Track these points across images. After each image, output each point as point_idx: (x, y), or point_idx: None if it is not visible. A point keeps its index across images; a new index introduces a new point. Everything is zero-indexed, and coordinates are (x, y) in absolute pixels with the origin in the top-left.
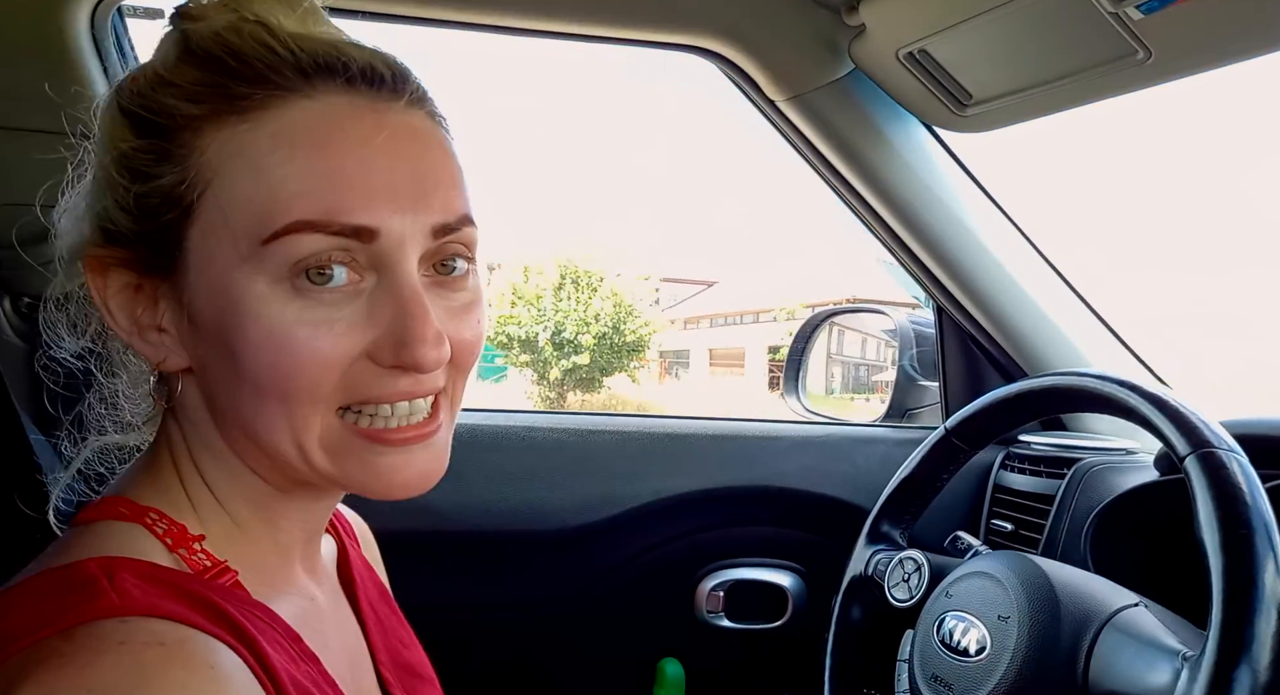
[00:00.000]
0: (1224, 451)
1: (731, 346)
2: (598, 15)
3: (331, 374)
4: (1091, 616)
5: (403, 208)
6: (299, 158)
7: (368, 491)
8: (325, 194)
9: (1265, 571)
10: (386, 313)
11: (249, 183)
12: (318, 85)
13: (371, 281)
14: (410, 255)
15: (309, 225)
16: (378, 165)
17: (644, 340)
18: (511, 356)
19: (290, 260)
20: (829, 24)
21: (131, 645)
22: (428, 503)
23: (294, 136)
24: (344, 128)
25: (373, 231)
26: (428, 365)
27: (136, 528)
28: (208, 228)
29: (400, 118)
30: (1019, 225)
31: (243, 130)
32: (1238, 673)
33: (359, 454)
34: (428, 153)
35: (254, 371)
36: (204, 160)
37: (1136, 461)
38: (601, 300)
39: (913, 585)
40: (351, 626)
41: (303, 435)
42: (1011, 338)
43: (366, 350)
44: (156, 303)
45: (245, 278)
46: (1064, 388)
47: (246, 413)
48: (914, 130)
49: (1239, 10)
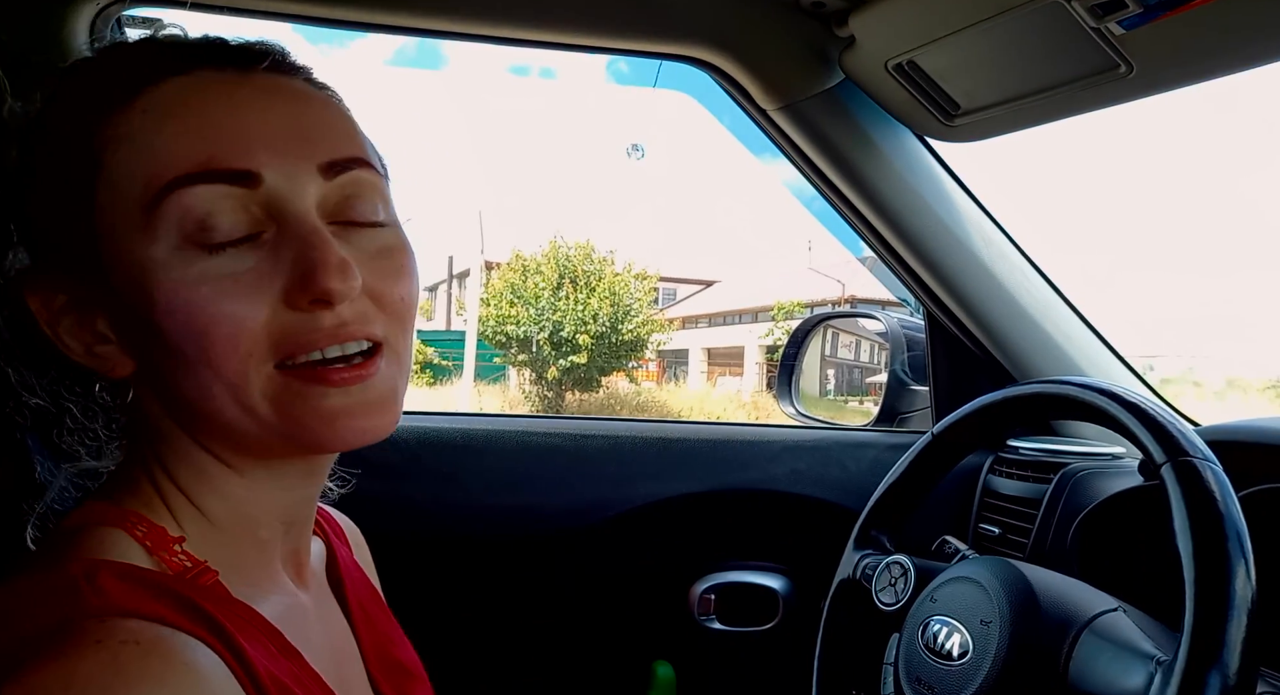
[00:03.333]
0: (1199, 460)
1: (730, 346)
2: (590, 25)
3: (250, 326)
4: (1071, 621)
5: (281, 150)
6: (172, 123)
7: (319, 439)
8: (200, 148)
9: (1236, 578)
10: (289, 254)
11: (129, 158)
12: (190, 68)
13: (272, 231)
14: (302, 195)
15: (187, 178)
16: (247, 115)
17: (642, 340)
18: (510, 356)
19: (182, 219)
20: (819, 35)
21: (109, 643)
22: (422, 506)
23: (165, 106)
24: (212, 91)
25: (255, 175)
26: (336, 293)
27: (117, 532)
28: (104, 212)
29: (272, 80)
30: (1009, 232)
31: (117, 117)
32: (1209, 677)
33: (303, 398)
34: (304, 103)
35: (174, 341)
36: (93, 154)
37: (1122, 467)
38: (599, 300)
39: (899, 589)
40: (339, 625)
41: (242, 394)
42: (1000, 344)
43: (282, 298)
44: (94, 314)
45: (144, 249)
46: (1048, 395)
47: (185, 387)
48: (904, 139)
49: (1219, 27)
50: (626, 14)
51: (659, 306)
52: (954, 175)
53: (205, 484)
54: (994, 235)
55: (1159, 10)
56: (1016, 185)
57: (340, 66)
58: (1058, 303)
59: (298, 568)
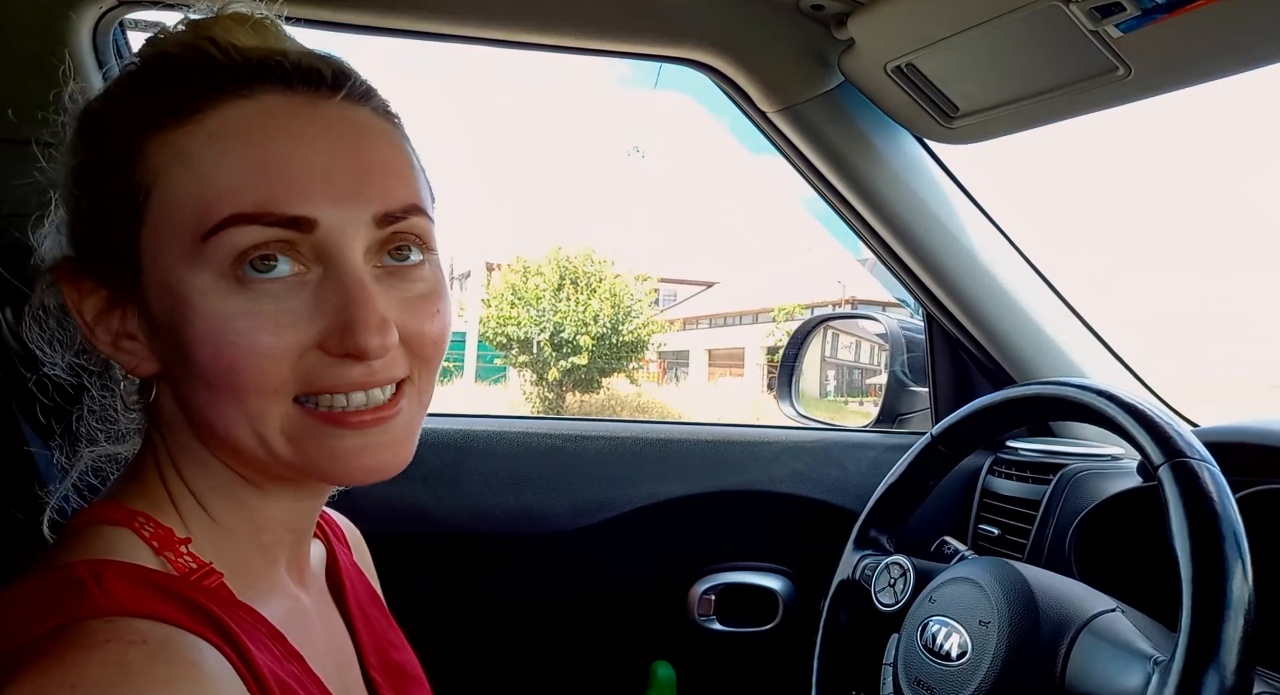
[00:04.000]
0: (1196, 461)
1: (731, 347)
2: (591, 29)
3: (279, 365)
4: (1069, 621)
5: (340, 197)
6: (233, 154)
7: (330, 476)
8: (260, 187)
9: (1233, 578)
10: (331, 302)
11: (187, 182)
12: (255, 87)
13: (318, 273)
14: (352, 244)
15: (244, 218)
16: (313, 157)
17: (643, 341)
18: (510, 357)
19: (231, 253)
20: (819, 38)
21: (117, 643)
22: (422, 507)
23: (228, 134)
24: (278, 122)
25: (310, 221)
26: (372, 351)
27: (124, 532)
28: (154, 230)
29: (337, 111)
30: (1007, 234)
31: (180, 134)
32: (1205, 677)
33: (318, 438)
34: (366, 144)
35: (202, 367)
36: (146, 166)
37: (1121, 467)
38: (600, 301)
39: (898, 590)
40: (339, 628)
41: (261, 425)
42: (999, 345)
43: (316, 341)
44: (125, 311)
45: (189, 275)
46: (1047, 396)
47: (206, 409)
48: (903, 141)
49: (1216, 30)
50: (627, 17)
51: (660, 308)
52: (953, 177)
53: (217, 490)
54: (993, 237)
55: (1156, 13)
56: (1015, 184)
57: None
58: (1057, 304)
59: (299, 570)
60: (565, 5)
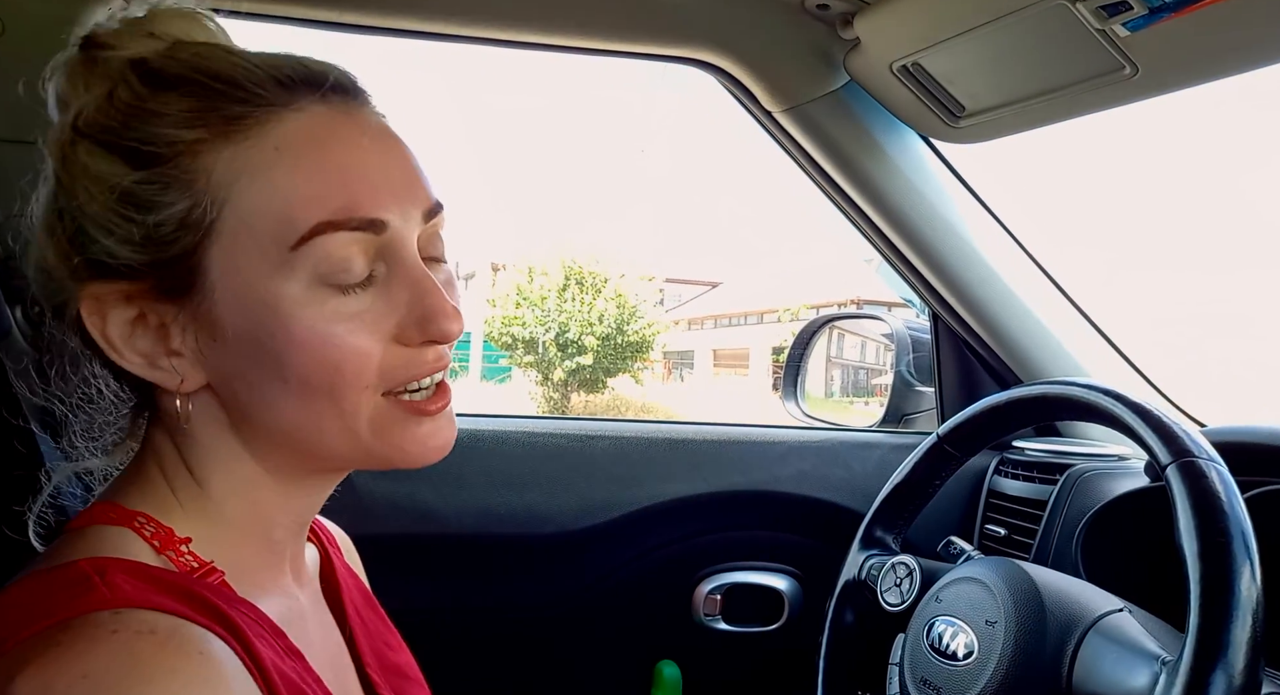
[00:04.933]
0: (1204, 461)
1: (736, 347)
2: (596, 29)
3: (373, 361)
4: (1076, 621)
5: (401, 198)
6: (304, 165)
7: (406, 458)
8: (337, 194)
9: (1241, 578)
10: (403, 297)
11: (264, 194)
12: (298, 99)
13: (382, 271)
14: (412, 241)
15: (330, 225)
16: (371, 162)
17: (648, 341)
18: (516, 357)
19: (319, 261)
20: (824, 37)
21: (125, 633)
22: (428, 506)
23: (294, 146)
24: (335, 133)
25: (383, 223)
26: (454, 335)
27: (125, 531)
28: (230, 244)
29: (371, 120)
30: (1014, 233)
31: (246, 147)
32: (1213, 677)
33: (403, 425)
34: (401, 146)
35: (302, 371)
36: (214, 181)
37: (1128, 467)
38: (605, 301)
39: (904, 590)
40: (333, 630)
41: (352, 420)
42: (1005, 345)
43: (394, 335)
44: (164, 328)
45: (279, 284)
46: (1053, 396)
47: (293, 412)
48: (909, 140)
49: (1223, 28)
50: (632, 17)
51: (664, 308)
52: (959, 177)
53: (236, 488)
54: (999, 236)
55: (1163, 12)
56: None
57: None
58: (1063, 304)
59: (296, 570)
60: (570, 6)
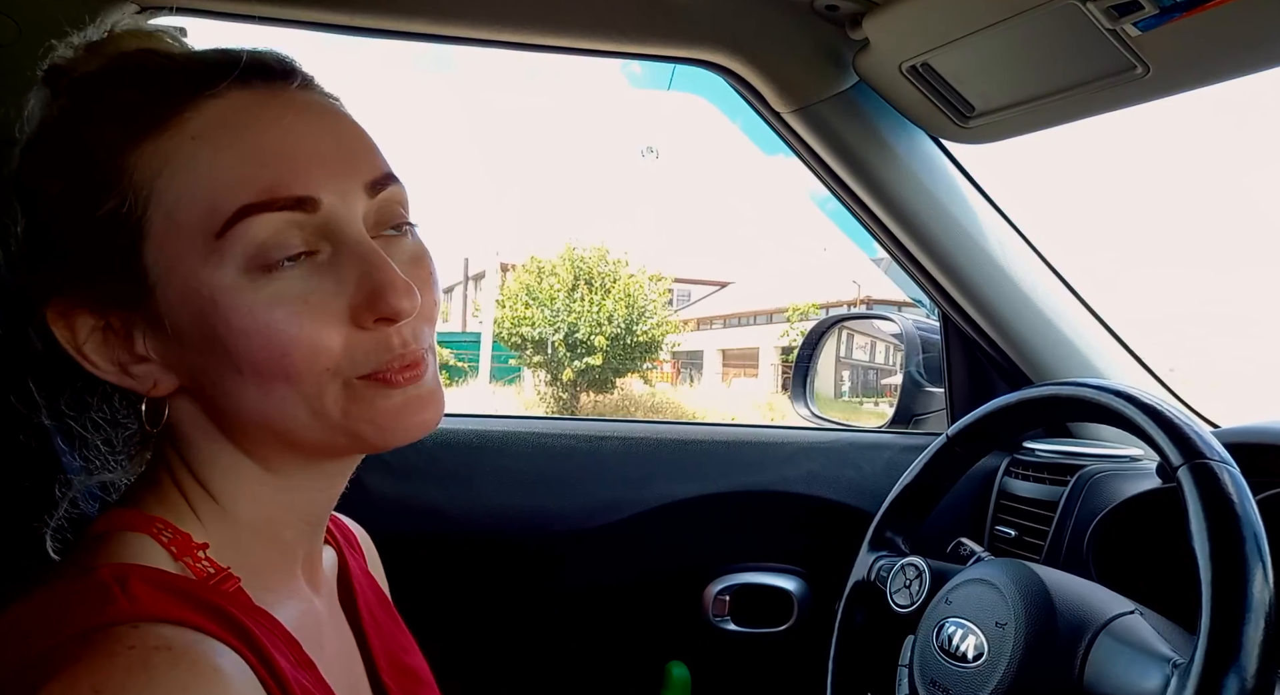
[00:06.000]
0: (1216, 462)
1: (745, 347)
2: (606, 30)
3: (324, 345)
4: (1087, 623)
5: (334, 172)
6: (224, 149)
7: (381, 437)
8: (259, 175)
9: (1253, 581)
10: (351, 274)
11: (186, 185)
12: (218, 85)
13: (327, 251)
14: (354, 217)
15: (254, 207)
16: (297, 140)
17: (657, 341)
18: (525, 357)
19: (249, 246)
20: (833, 38)
21: (141, 649)
22: (437, 506)
23: (213, 132)
24: (256, 114)
25: (314, 201)
26: (404, 311)
27: (144, 537)
28: (161, 241)
29: (300, 97)
30: (1024, 233)
31: (164, 140)
32: (1226, 680)
33: (369, 401)
34: (337, 122)
35: (252, 360)
36: (136, 178)
37: (1140, 468)
38: (614, 301)
39: (913, 591)
40: (347, 634)
41: (317, 403)
42: (1016, 345)
43: (349, 317)
44: (130, 334)
45: (210, 275)
46: (1064, 397)
47: (257, 401)
48: (919, 140)
49: (1235, 28)
50: (641, 19)
51: (674, 308)
52: (969, 177)
53: (239, 487)
54: (1009, 236)
55: (1175, 11)
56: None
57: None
58: (1074, 304)
59: (311, 572)
60: (579, 7)
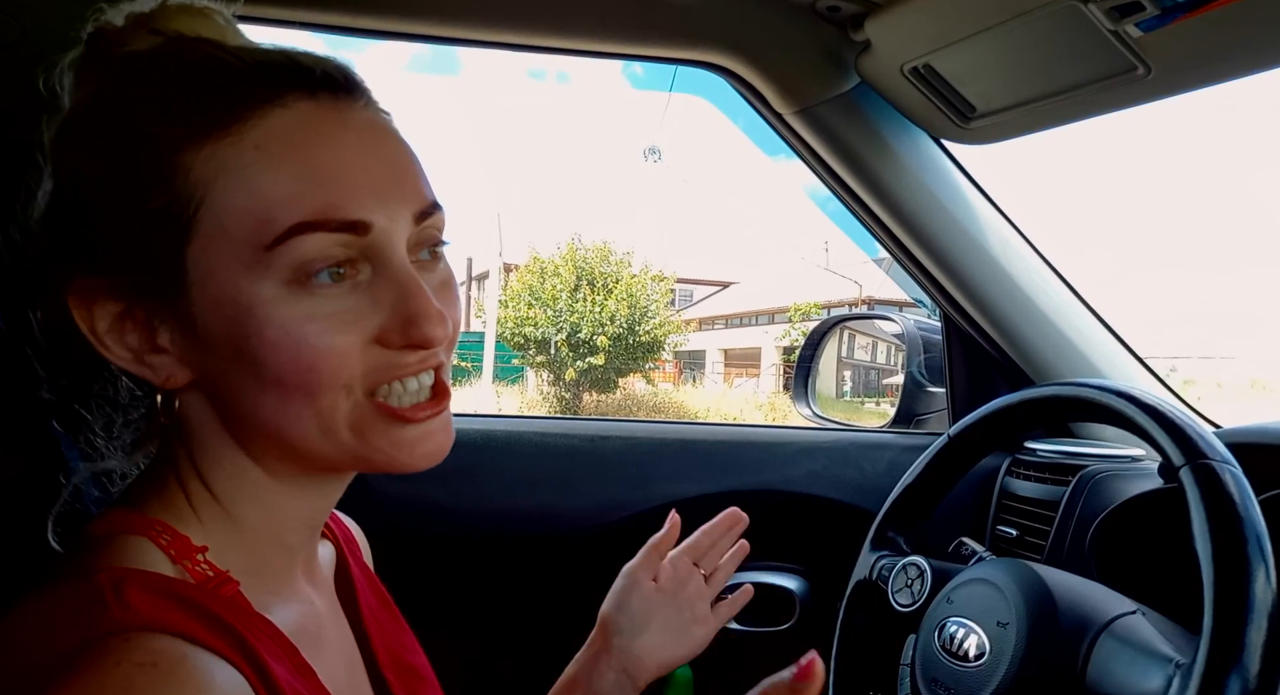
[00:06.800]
0: (1218, 463)
1: (747, 347)
2: (608, 32)
3: (350, 361)
4: (1089, 623)
5: (386, 199)
6: (284, 164)
7: (393, 464)
8: (316, 194)
9: (1256, 581)
10: (388, 299)
11: (241, 194)
12: (285, 94)
13: (366, 272)
14: (400, 243)
15: (307, 226)
16: (355, 162)
17: (659, 341)
18: (528, 357)
19: (295, 262)
20: (835, 39)
21: (126, 665)
22: (441, 506)
23: (274, 144)
24: (318, 131)
25: (367, 224)
26: (436, 340)
27: (143, 540)
28: (207, 243)
29: (362, 116)
30: (1025, 234)
31: (225, 145)
32: (1229, 681)
33: (382, 429)
34: (394, 146)
35: (277, 371)
36: (192, 179)
37: (1142, 469)
38: (617, 302)
39: (915, 591)
40: (347, 633)
41: (329, 420)
42: (1017, 345)
43: (376, 337)
44: (150, 325)
45: (252, 285)
46: (1065, 397)
47: (271, 411)
48: (920, 141)
49: (1237, 29)
50: (644, 20)
51: (676, 308)
52: (970, 177)
53: (243, 491)
54: (1010, 237)
55: (1177, 12)
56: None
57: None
58: (1075, 304)
59: (310, 571)
60: (582, 9)
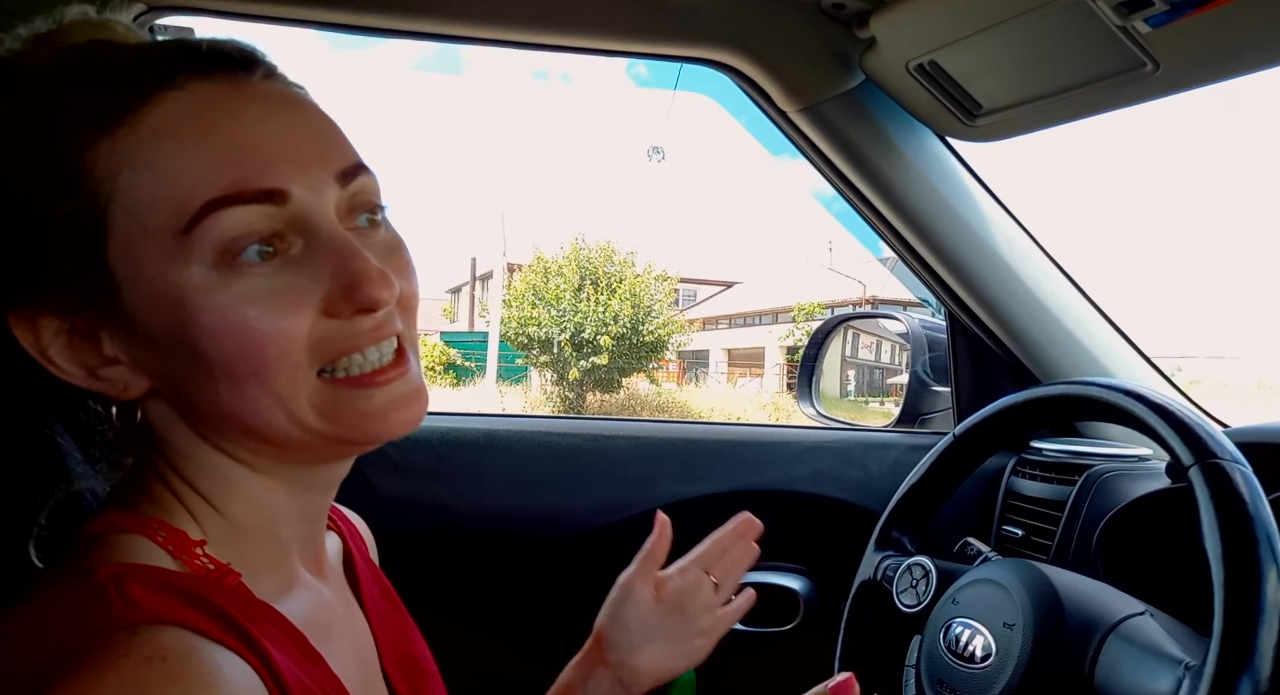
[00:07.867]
0: (1228, 462)
1: (751, 346)
2: (613, 30)
3: (297, 340)
4: (1096, 624)
5: (303, 163)
6: (188, 145)
7: (367, 436)
8: (225, 169)
9: (1267, 582)
10: (325, 268)
11: (148, 182)
12: (175, 77)
13: (298, 245)
14: (326, 209)
15: (221, 201)
16: (264, 131)
17: (662, 341)
18: (532, 357)
19: (217, 242)
20: (840, 37)
21: (134, 659)
22: (444, 505)
23: (174, 127)
24: (220, 107)
25: (284, 192)
26: (383, 301)
27: (139, 538)
28: (124, 240)
29: (267, 87)
30: (1031, 232)
31: (122, 136)
32: (1240, 683)
33: (348, 402)
34: (304, 112)
35: (223, 360)
36: (96, 176)
37: (1148, 468)
38: (620, 301)
39: (920, 591)
40: (360, 622)
41: (291, 403)
42: (1023, 344)
43: (323, 309)
44: (95, 337)
45: (179, 273)
46: (1072, 396)
47: (229, 402)
48: (925, 139)
49: (1246, 24)
50: (649, 18)
51: (679, 307)
52: (976, 175)
53: (227, 488)
54: (1016, 235)
55: (1185, 8)
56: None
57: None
58: (1081, 303)
59: (317, 561)
60: (586, 7)
